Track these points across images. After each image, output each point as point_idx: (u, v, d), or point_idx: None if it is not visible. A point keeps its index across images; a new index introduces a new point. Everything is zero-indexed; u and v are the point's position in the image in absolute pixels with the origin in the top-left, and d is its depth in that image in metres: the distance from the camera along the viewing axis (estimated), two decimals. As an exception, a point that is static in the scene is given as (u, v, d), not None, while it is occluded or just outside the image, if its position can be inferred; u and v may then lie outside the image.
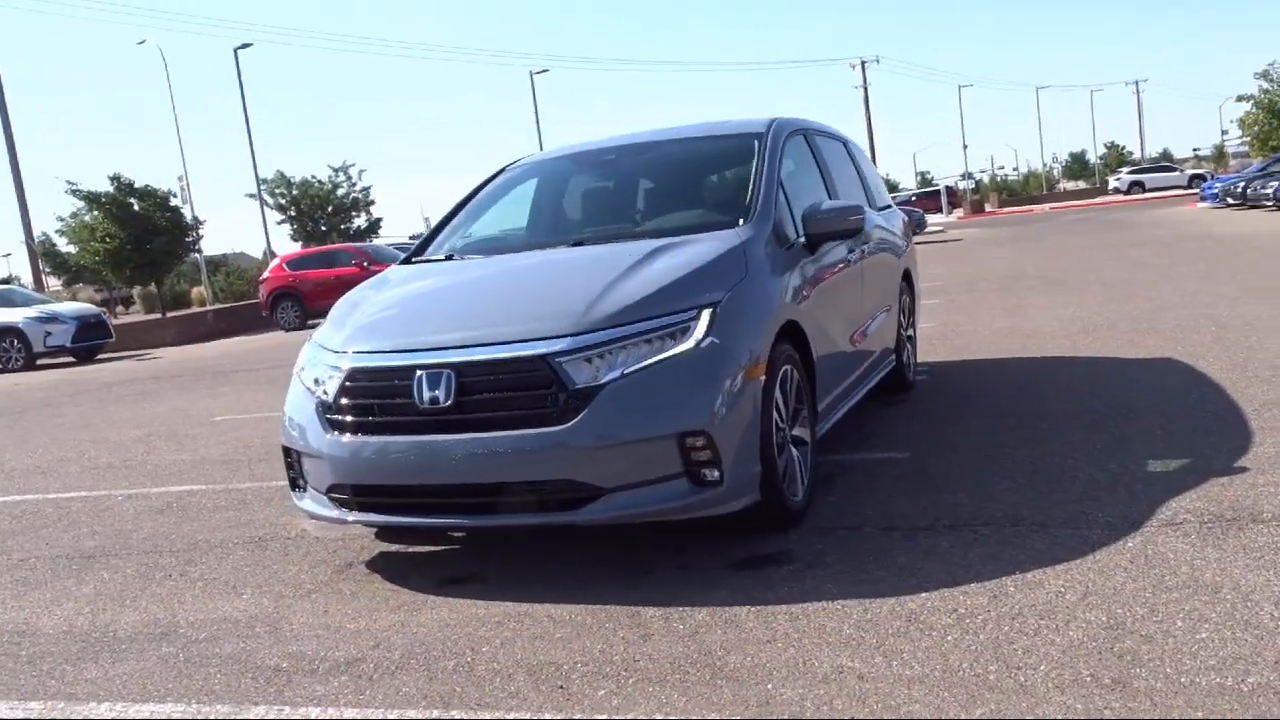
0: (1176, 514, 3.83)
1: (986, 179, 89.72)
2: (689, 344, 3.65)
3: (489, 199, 5.49)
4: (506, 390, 3.67)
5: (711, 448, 3.58)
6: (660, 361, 3.62)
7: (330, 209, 44.27)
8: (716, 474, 3.61)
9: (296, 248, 40.97)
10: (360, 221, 45.04)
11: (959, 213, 56.42)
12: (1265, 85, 38.02)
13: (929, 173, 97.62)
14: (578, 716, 2.75)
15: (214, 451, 7.56)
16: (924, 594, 3.33)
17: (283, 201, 43.85)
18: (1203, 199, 35.71)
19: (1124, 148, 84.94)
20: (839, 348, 4.99)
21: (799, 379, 4.26)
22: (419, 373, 3.71)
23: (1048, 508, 4.07)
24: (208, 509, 5.69)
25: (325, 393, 3.99)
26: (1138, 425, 5.27)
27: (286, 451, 4.24)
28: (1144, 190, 56.55)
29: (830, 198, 5.39)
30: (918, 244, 8.30)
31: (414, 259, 5.07)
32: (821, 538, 4.00)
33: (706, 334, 3.68)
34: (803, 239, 4.65)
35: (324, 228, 43.90)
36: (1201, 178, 54.17)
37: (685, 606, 3.43)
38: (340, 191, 44.38)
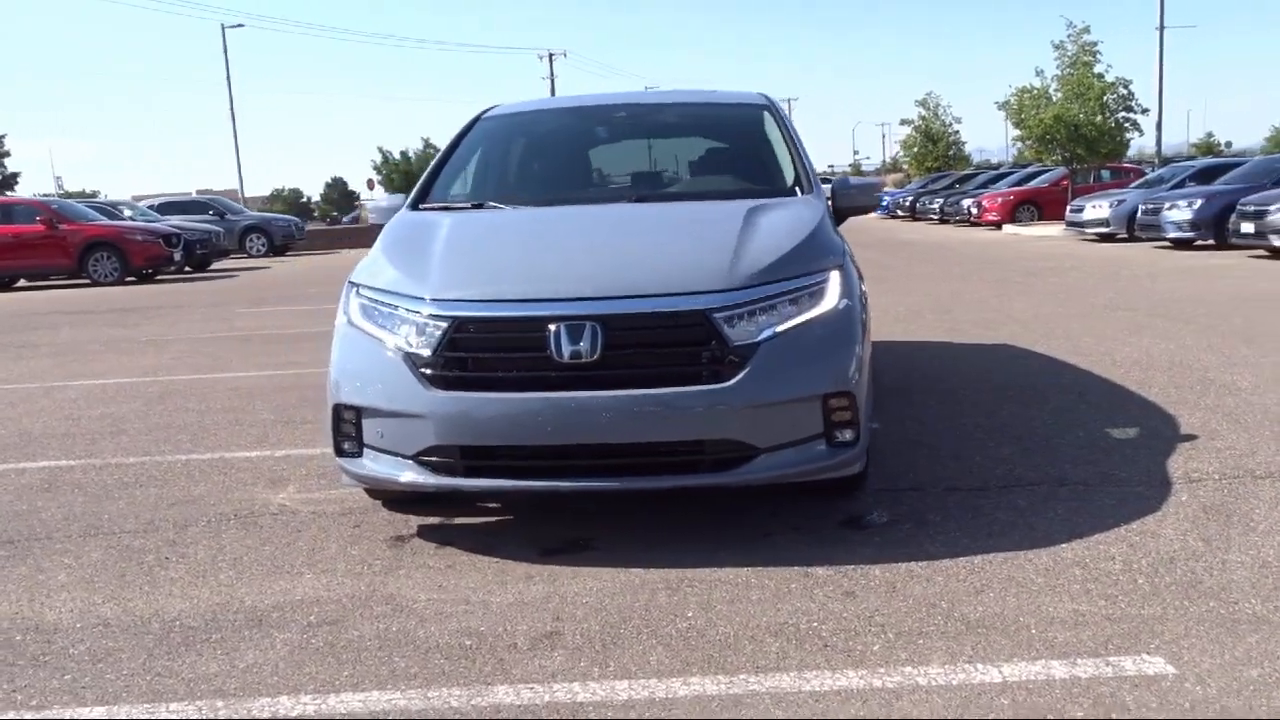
0: (1189, 473, 4.32)
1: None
2: (828, 306, 3.65)
3: (468, 150, 5.11)
4: (660, 345, 3.48)
5: (853, 409, 3.61)
6: (806, 322, 3.59)
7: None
8: (851, 435, 3.63)
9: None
10: (-10, 175, 39.60)
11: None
12: (923, 112, 42.72)
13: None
14: (882, 671, 2.69)
15: (34, 424, 6.45)
16: (1065, 544, 3.55)
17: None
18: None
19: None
20: None
21: None
22: (554, 325, 3.43)
23: (1072, 469, 4.44)
24: (116, 485, 4.88)
25: (413, 345, 3.57)
26: (1057, 401, 5.85)
27: (338, 412, 3.75)
28: (807, 199, 61.53)
29: None
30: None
31: (420, 206, 4.63)
32: (897, 499, 4.13)
33: (841, 296, 3.69)
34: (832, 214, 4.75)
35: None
36: (858, 191, 60.01)
37: (848, 565, 3.43)
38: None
